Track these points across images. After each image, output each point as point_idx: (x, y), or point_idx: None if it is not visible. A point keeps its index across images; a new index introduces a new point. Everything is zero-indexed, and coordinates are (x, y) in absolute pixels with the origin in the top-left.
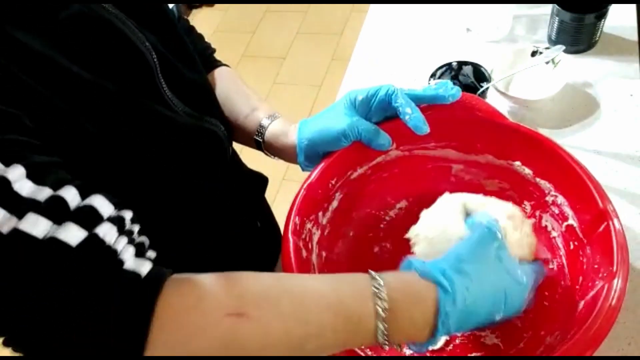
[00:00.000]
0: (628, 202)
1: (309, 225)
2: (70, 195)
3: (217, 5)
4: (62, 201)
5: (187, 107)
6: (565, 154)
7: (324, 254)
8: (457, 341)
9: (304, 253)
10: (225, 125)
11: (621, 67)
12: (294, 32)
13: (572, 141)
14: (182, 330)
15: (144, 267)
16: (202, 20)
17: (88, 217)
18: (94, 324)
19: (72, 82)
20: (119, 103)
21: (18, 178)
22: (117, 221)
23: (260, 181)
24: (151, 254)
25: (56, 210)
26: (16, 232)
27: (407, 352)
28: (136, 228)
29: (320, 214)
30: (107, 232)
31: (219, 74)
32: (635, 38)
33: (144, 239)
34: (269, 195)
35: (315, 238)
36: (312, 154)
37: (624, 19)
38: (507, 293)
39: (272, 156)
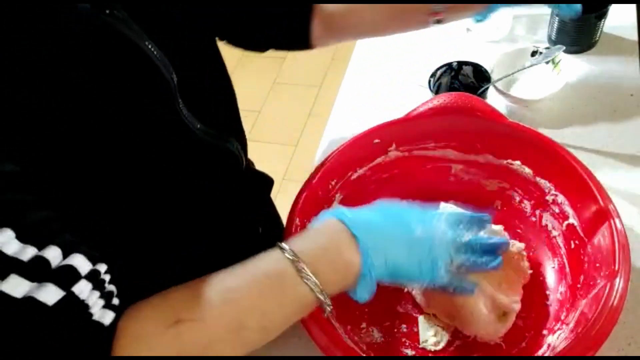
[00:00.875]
0: (628, 202)
1: (309, 227)
2: (53, 255)
3: None
4: (44, 261)
5: (204, 125)
6: (565, 153)
7: None
8: (459, 342)
9: None
10: (241, 141)
11: (621, 67)
12: None
13: (572, 141)
14: (140, 355)
15: (107, 319)
16: None
17: (67, 277)
18: None
19: (88, 99)
20: (135, 121)
21: (6, 240)
22: (93, 277)
23: (264, 182)
24: (116, 301)
25: (37, 271)
26: None
27: (408, 352)
28: (107, 277)
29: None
30: (82, 289)
31: None
32: (635, 38)
33: (112, 288)
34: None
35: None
36: None
37: (624, 19)
38: (413, 219)
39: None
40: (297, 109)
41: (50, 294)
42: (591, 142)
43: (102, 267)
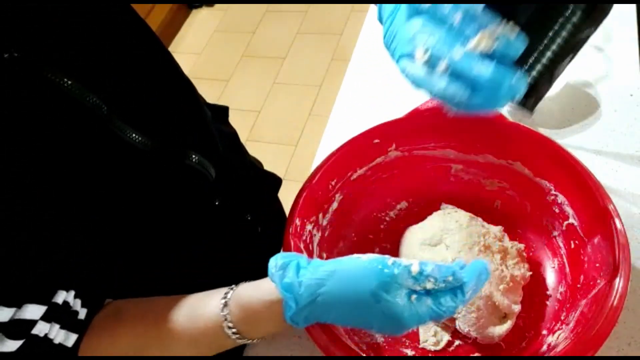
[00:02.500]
0: (628, 202)
1: (309, 227)
2: (3, 315)
3: (217, 5)
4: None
5: (163, 144)
6: (565, 153)
7: (324, 255)
8: (459, 342)
9: (305, 255)
10: (206, 153)
11: (621, 67)
12: (294, 32)
13: (572, 141)
14: None
15: (70, 341)
16: (202, 20)
17: (21, 328)
18: None
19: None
20: (64, 151)
21: None
22: (50, 313)
23: (272, 182)
24: (82, 314)
25: None
26: None
27: (408, 352)
28: (71, 296)
29: (320, 215)
30: (40, 329)
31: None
32: (636, 38)
33: (77, 303)
34: None
35: (316, 240)
36: None
37: (624, 18)
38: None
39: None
40: (297, 109)
41: (10, 345)
42: (591, 142)
43: (61, 296)
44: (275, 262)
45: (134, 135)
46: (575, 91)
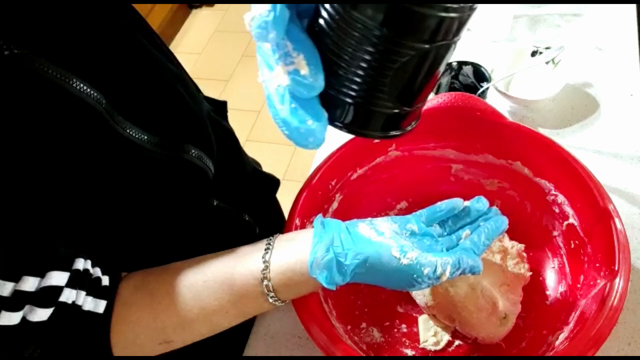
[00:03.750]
0: (628, 202)
1: (309, 227)
2: (29, 284)
3: (217, 5)
4: (24, 294)
5: (163, 139)
6: (565, 153)
7: None
8: (459, 342)
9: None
10: (205, 148)
11: (621, 67)
12: None
13: (572, 141)
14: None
15: (100, 307)
16: (202, 20)
17: (49, 296)
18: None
19: (17, 146)
20: (66, 148)
21: None
22: (74, 280)
23: (270, 183)
24: (105, 280)
25: (21, 302)
26: None
27: (408, 352)
28: (89, 264)
29: (320, 215)
30: (68, 296)
31: None
32: (636, 38)
33: (97, 271)
34: None
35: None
36: None
37: (624, 18)
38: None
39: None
40: None
41: (39, 314)
42: (591, 142)
43: (80, 263)
44: (315, 259)
45: (133, 131)
46: (575, 91)
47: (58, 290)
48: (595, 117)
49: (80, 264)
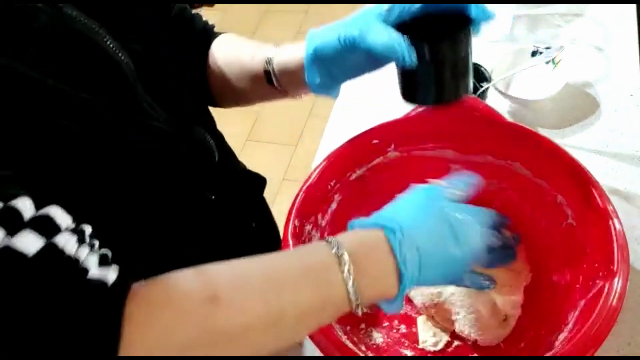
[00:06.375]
0: (628, 202)
1: (308, 228)
2: (25, 205)
3: (217, 5)
4: (15, 211)
5: (171, 116)
6: (564, 153)
7: None
8: (458, 342)
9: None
10: (212, 133)
11: (621, 67)
12: (294, 32)
13: (572, 141)
14: (157, 326)
15: (110, 275)
16: None
17: (44, 226)
18: (61, 334)
19: (45, 94)
20: (94, 112)
21: None
22: (77, 232)
23: (257, 182)
24: (115, 266)
25: (8, 221)
26: None
27: (408, 352)
28: (96, 242)
29: (319, 216)
30: (66, 241)
31: (220, 40)
32: (636, 38)
33: (106, 251)
34: (269, 195)
35: (315, 240)
36: (323, 72)
37: (624, 18)
38: (454, 227)
39: (295, 93)
40: (297, 109)
41: (27, 243)
42: (591, 142)
43: (87, 229)
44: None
45: (147, 104)
46: (575, 91)
47: (55, 225)
48: (595, 117)
49: (88, 229)
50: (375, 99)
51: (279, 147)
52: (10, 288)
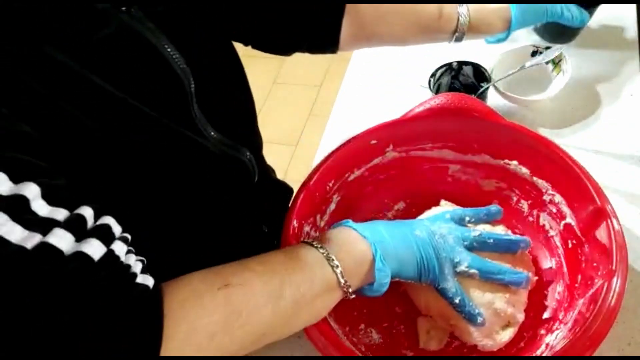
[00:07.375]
0: (628, 202)
1: (307, 229)
2: (87, 213)
3: None
4: (82, 219)
5: (220, 134)
6: (562, 152)
7: None
8: (458, 342)
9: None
10: (254, 152)
11: (621, 66)
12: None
13: (572, 141)
14: (189, 319)
15: (150, 281)
16: None
17: (105, 235)
18: (114, 332)
19: (104, 101)
20: (148, 124)
21: (34, 197)
22: (124, 241)
23: (284, 192)
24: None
25: (77, 227)
26: (43, 246)
27: (406, 352)
28: (133, 250)
29: (318, 216)
30: (120, 249)
31: None
32: (636, 38)
33: (142, 258)
34: None
35: None
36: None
37: (624, 19)
38: (416, 240)
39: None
40: (297, 109)
41: (94, 248)
42: (591, 142)
43: (129, 237)
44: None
45: (207, 126)
46: (575, 91)
47: (112, 233)
48: (595, 117)
49: (129, 237)
50: (375, 99)
51: (279, 147)
52: (81, 288)
